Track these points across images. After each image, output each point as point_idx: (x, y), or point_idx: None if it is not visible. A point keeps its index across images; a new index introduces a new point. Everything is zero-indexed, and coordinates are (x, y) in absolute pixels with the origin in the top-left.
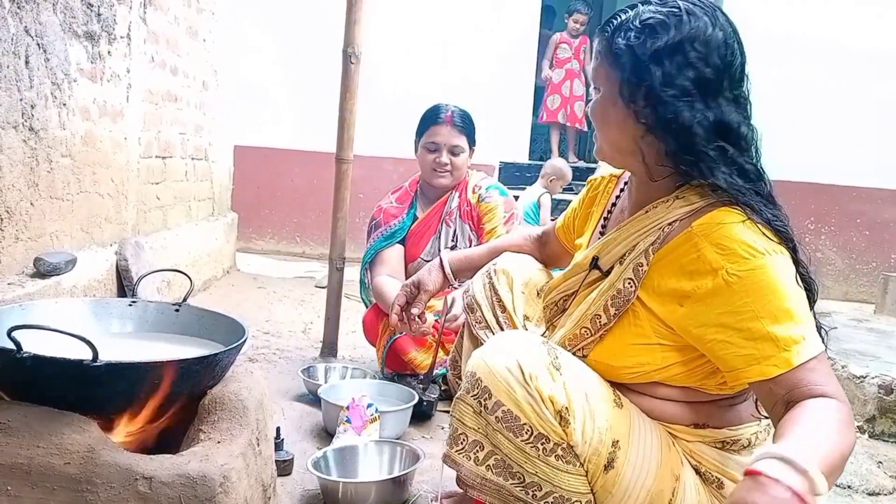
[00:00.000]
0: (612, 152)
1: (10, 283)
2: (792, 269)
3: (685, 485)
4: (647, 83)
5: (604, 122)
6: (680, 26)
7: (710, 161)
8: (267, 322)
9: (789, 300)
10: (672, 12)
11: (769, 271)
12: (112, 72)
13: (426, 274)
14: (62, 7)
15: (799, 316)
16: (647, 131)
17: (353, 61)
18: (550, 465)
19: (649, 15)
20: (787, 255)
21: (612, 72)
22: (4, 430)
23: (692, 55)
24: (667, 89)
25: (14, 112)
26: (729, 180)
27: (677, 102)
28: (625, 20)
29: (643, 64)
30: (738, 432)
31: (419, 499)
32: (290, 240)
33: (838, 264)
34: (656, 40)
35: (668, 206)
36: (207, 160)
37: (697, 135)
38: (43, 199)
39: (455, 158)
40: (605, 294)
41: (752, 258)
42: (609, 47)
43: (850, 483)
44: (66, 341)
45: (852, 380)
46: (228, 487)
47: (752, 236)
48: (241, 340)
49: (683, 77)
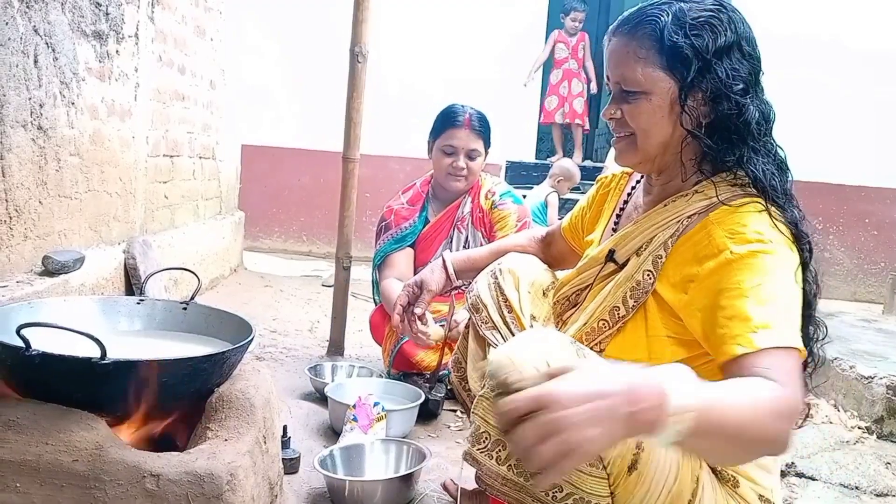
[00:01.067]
0: (656, 154)
1: (18, 282)
2: (793, 267)
3: (704, 486)
4: (713, 80)
5: (651, 124)
6: (731, 24)
7: (755, 154)
8: (274, 320)
9: (779, 291)
10: (720, 10)
11: (770, 259)
12: (120, 71)
13: (429, 273)
14: (71, 6)
15: (782, 308)
16: (699, 129)
17: (360, 60)
18: (574, 468)
19: (698, 14)
20: (795, 254)
21: (664, 72)
22: (13, 428)
23: (746, 50)
24: (735, 84)
25: (23, 111)
26: (768, 175)
27: (743, 97)
28: (671, 20)
29: (709, 61)
30: None
31: (425, 497)
32: (297, 238)
33: (846, 264)
34: (717, 37)
35: (688, 200)
36: (215, 159)
37: (752, 128)
38: (51, 197)
39: (471, 163)
40: (622, 286)
41: (759, 243)
42: (660, 47)
43: (858, 484)
44: (75, 339)
45: (860, 380)
46: (235, 485)
47: (764, 226)
48: (248, 339)
49: (744, 71)
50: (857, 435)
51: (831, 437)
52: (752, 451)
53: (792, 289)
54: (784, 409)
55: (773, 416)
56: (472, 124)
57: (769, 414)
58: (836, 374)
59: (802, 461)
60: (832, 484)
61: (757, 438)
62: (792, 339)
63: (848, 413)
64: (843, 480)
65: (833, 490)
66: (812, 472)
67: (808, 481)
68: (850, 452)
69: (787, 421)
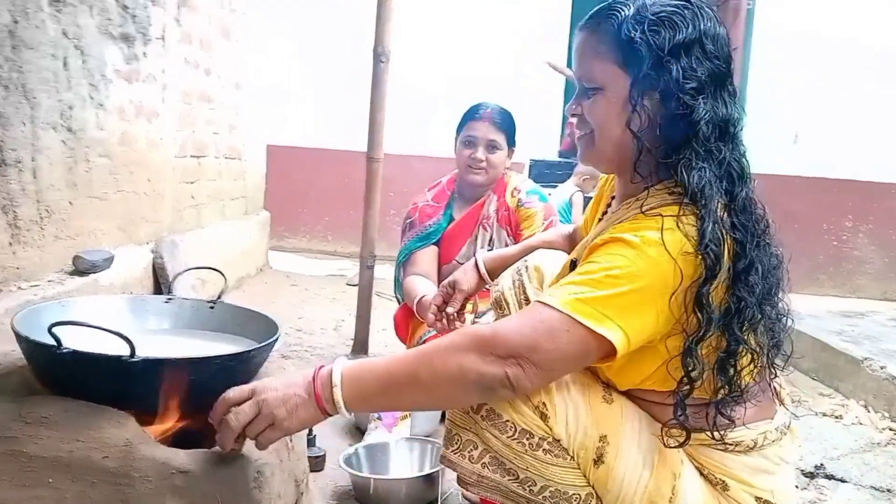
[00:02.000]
0: (613, 153)
1: (49, 281)
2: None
3: (686, 483)
4: (665, 78)
5: (605, 121)
6: (695, 20)
7: (696, 157)
8: (299, 319)
9: (601, 272)
10: (684, 6)
11: (618, 248)
12: (147, 73)
13: (461, 274)
14: (99, 10)
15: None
16: (651, 129)
17: (384, 60)
18: (539, 460)
19: (661, 8)
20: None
21: (619, 68)
22: (46, 424)
23: (709, 48)
24: (686, 83)
25: (53, 113)
26: (702, 183)
27: (694, 98)
28: (631, 14)
29: (663, 58)
30: (739, 434)
31: (449, 496)
32: (322, 238)
33: (877, 263)
34: (676, 33)
35: (629, 207)
36: (241, 159)
37: (701, 132)
38: (81, 198)
39: (491, 156)
40: None
41: (630, 236)
42: (617, 42)
43: (890, 486)
44: (105, 337)
45: (891, 381)
46: (262, 482)
47: (654, 233)
48: (274, 337)
49: (701, 71)
50: (888, 436)
51: (861, 439)
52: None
53: (623, 277)
54: (466, 343)
55: (448, 352)
56: (493, 117)
57: (442, 352)
58: (867, 374)
59: (832, 463)
60: (863, 486)
61: (434, 374)
62: (566, 302)
63: (878, 414)
64: (873, 483)
65: (864, 492)
66: (842, 473)
67: (837, 483)
68: (882, 454)
69: (466, 353)
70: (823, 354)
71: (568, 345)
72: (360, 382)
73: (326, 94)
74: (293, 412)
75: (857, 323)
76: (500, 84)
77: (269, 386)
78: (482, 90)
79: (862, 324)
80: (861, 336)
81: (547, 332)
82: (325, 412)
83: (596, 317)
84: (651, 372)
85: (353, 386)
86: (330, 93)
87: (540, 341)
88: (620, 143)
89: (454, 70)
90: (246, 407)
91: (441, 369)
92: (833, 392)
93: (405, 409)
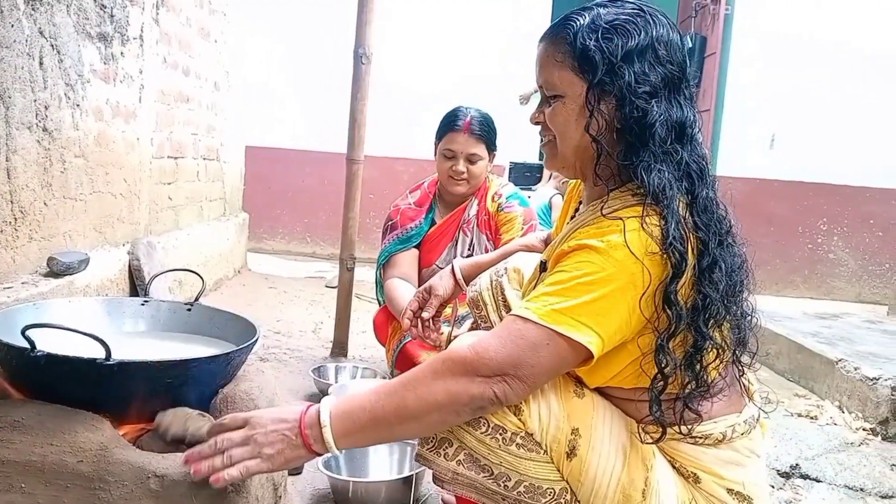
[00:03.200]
0: (574, 158)
1: (23, 283)
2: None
3: (659, 475)
4: (619, 83)
5: (565, 127)
6: (647, 27)
7: (654, 160)
8: (278, 322)
9: (571, 280)
10: (637, 13)
11: (585, 255)
12: (125, 73)
13: (437, 280)
14: (76, 8)
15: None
16: (609, 133)
17: (364, 62)
18: (513, 454)
19: (614, 16)
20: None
21: (576, 75)
22: (18, 428)
23: (661, 53)
24: (639, 87)
25: (28, 113)
26: (662, 184)
27: (647, 101)
28: (586, 23)
29: (616, 64)
30: (707, 427)
31: (429, 498)
32: (301, 240)
33: (851, 265)
34: (628, 40)
35: (594, 210)
36: (219, 160)
37: (657, 134)
38: (56, 198)
39: (472, 167)
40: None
41: (590, 240)
42: (572, 50)
43: (864, 486)
44: (80, 340)
45: (865, 382)
46: (240, 486)
47: (618, 235)
48: (252, 340)
49: (654, 75)
50: (862, 436)
51: (836, 439)
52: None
53: (596, 283)
54: (449, 367)
55: (433, 379)
56: (472, 128)
57: (427, 380)
58: (841, 375)
59: (807, 462)
60: (837, 486)
61: (423, 403)
62: (544, 314)
63: (853, 414)
64: (848, 482)
65: (838, 492)
66: (817, 473)
67: (812, 483)
68: (855, 454)
69: (452, 377)
70: (799, 356)
71: (549, 357)
72: (348, 419)
73: (307, 96)
74: (280, 451)
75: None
76: (485, 84)
77: (262, 421)
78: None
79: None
80: (835, 338)
81: (528, 347)
82: (314, 452)
83: (573, 325)
84: (619, 370)
85: (341, 424)
86: (311, 94)
87: (523, 357)
88: (580, 148)
89: (438, 70)
90: (235, 435)
91: (429, 398)
92: (808, 393)
93: (397, 440)
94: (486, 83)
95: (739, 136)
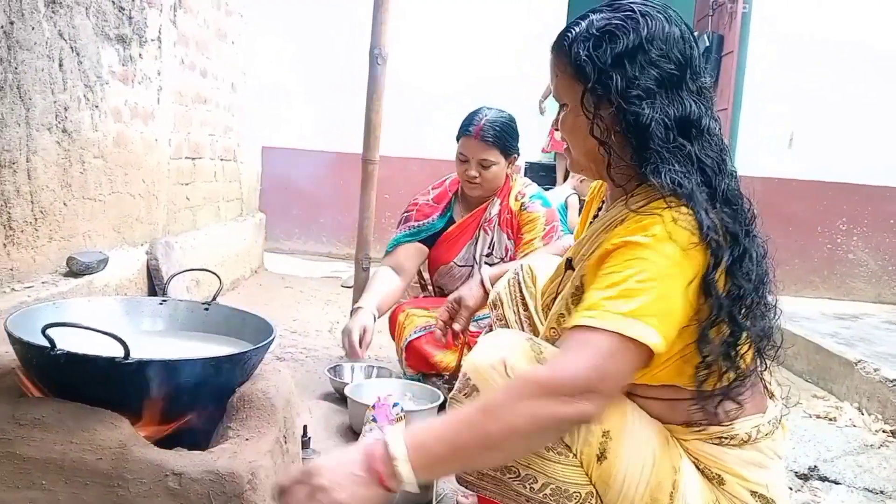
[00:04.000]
0: (587, 162)
1: (43, 282)
2: (674, 265)
3: (686, 477)
4: (610, 89)
5: (573, 134)
6: (637, 28)
7: (661, 160)
8: (294, 321)
9: (629, 278)
10: (628, 16)
11: (635, 251)
12: (143, 74)
13: (467, 290)
14: (95, 11)
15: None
16: (612, 137)
17: (380, 62)
18: (542, 457)
19: (604, 22)
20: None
21: (575, 83)
22: (39, 426)
23: (654, 54)
24: (630, 91)
25: (48, 114)
26: (676, 180)
27: (640, 103)
28: (580, 31)
29: (606, 70)
30: (734, 427)
31: (444, 498)
32: (317, 240)
33: (871, 266)
34: (616, 45)
35: (625, 204)
36: (236, 161)
37: (655, 134)
38: (76, 199)
39: (485, 172)
40: (565, 295)
41: (633, 236)
42: (569, 59)
43: (884, 488)
44: (99, 339)
45: (885, 383)
46: (256, 484)
47: (659, 227)
48: (269, 339)
49: (646, 77)
50: (882, 438)
51: (855, 441)
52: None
53: (652, 278)
54: (530, 390)
55: (514, 403)
56: (483, 134)
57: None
58: (861, 376)
59: (825, 465)
60: (856, 488)
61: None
62: (613, 320)
63: (872, 416)
64: (867, 485)
65: (857, 494)
66: (835, 475)
67: (831, 485)
68: (875, 456)
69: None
70: (817, 357)
71: (625, 363)
72: (425, 452)
73: (323, 96)
74: (353, 494)
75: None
76: (500, 84)
77: (323, 468)
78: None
79: (856, 326)
80: (855, 338)
81: (605, 357)
82: (387, 488)
83: (641, 327)
84: (655, 366)
85: (418, 457)
86: (326, 94)
87: (603, 368)
88: (590, 153)
89: (453, 71)
90: (300, 492)
91: (513, 423)
92: (827, 394)
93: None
94: (501, 83)
95: (757, 135)
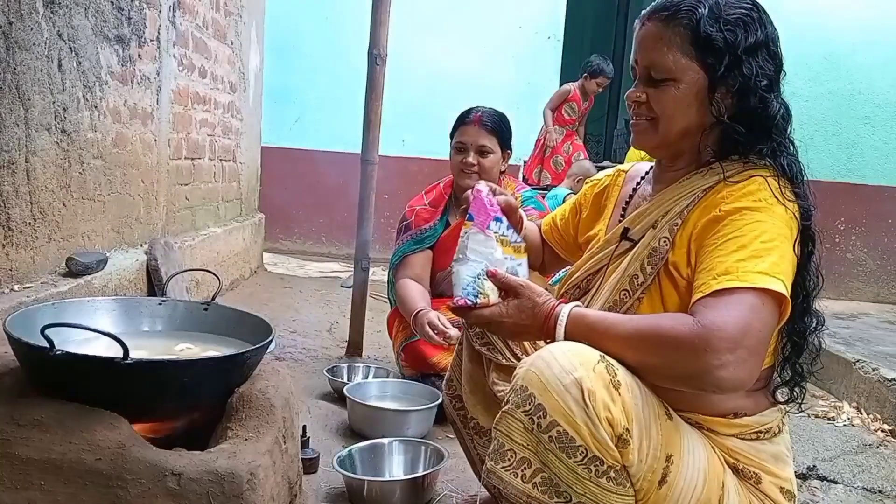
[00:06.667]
0: (676, 139)
1: (42, 283)
2: (785, 224)
3: (729, 491)
4: (741, 75)
5: (676, 110)
6: (763, 24)
7: (779, 148)
8: (293, 321)
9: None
10: (752, 9)
11: (753, 214)
12: (142, 74)
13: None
14: (94, 11)
15: (752, 252)
16: (724, 119)
17: (379, 63)
18: (601, 487)
19: (734, 11)
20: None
21: (701, 63)
22: (38, 426)
23: (773, 50)
24: (760, 80)
25: (47, 114)
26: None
27: (768, 94)
28: (708, 13)
29: (739, 57)
30: (769, 419)
31: (443, 498)
32: (316, 240)
33: (869, 265)
34: (749, 35)
35: (704, 176)
36: (235, 161)
37: (780, 124)
38: (75, 199)
39: (483, 160)
40: (640, 256)
41: (746, 200)
42: (695, 38)
43: (882, 488)
44: (98, 339)
45: (883, 383)
46: (255, 484)
47: (763, 192)
48: (268, 339)
49: (769, 69)
50: (881, 438)
51: (854, 440)
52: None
53: (773, 239)
54: (673, 335)
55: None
56: (482, 120)
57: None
58: (859, 376)
59: (824, 464)
60: (855, 488)
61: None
62: (753, 278)
63: (871, 416)
64: (865, 484)
65: (856, 494)
66: (834, 475)
67: (829, 485)
68: (874, 455)
69: (673, 347)
70: None
71: (770, 318)
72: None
73: (324, 96)
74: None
75: (849, 325)
76: (495, 88)
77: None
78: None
79: (854, 326)
80: (853, 338)
81: (750, 310)
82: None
83: (777, 282)
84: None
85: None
86: (328, 94)
87: (751, 322)
88: (687, 131)
89: (452, 72)
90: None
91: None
92: (825, 394)
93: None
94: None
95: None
